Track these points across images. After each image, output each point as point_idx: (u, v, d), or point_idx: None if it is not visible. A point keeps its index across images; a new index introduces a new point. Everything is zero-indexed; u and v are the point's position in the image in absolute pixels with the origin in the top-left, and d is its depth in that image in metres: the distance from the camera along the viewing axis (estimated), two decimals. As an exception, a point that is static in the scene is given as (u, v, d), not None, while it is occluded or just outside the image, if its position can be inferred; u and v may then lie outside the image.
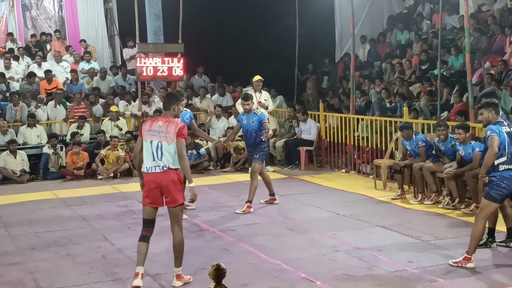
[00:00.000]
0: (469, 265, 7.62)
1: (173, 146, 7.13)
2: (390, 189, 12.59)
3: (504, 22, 17.17)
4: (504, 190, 7.51)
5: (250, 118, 11.34)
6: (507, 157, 7.47)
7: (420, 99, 15.81)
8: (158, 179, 7.17)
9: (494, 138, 7.43)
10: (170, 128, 7.15)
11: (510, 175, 7.48)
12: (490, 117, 7.66)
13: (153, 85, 19.53)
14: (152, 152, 7.19)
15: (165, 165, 7.15)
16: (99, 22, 21.33)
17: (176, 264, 7.35)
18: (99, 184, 14.51)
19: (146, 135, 7.27)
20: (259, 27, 22.06)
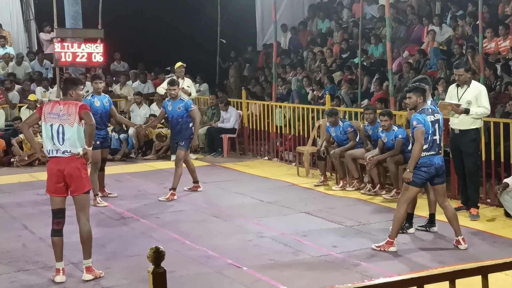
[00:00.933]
0: (391, 249, 7.78)
1: (76, 129, 6.90)
2: (313, 176, 12.72)
3: (421, 12, 17.56)
4: (424, 175, 7.68)
5: (176, 104, 11.22)
6: (429, 145, 7.64)
7: (341, 87, 16.02)
8: (61, 167, 6.89)
9: (420, 130, 7.55)
10: (70, 109, 6.92)
11: (430, 160, 7.65)
12: (417, 101, 7.79)
13: (71, 71, 19.11)
14: (52, 135, 6.90)
15: (67, 150, 6.88)
16: (13, 6, 20.66)
17: (85, 256, 7.06)
18: (17, 173, 14.11)
19: (47, 117, 6.96)
20: (181, 14, 21.86)
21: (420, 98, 7.79)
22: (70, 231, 7.90)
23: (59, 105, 7.00)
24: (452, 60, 13.98)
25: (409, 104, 7.94)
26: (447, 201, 7.99)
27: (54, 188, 6.97)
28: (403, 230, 8.53)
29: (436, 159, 7.70)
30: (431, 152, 7.67)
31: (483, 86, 9.62)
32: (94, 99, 10.77)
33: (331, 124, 11.88)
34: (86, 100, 10.40)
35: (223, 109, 15.88)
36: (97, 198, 10.60)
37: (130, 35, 21.38)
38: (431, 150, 7.67)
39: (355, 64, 15.99)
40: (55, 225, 7.07)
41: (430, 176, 7.74)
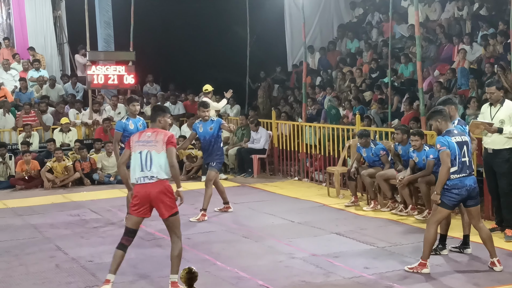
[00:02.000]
0: (424, 270, 7.70)
1: (162, 156, 7.15)
2: (344, 196, 12.67)
3: (451, 31, 17.49)
4: (455, 197, 7.60)
5: (207, 126, 11.32)
6: (458, 166, 7.55)
7: (371, 107, 15.99)
8: (148, 190, 7.14)
9: (444, 152, 7.49)
10: (158, 137, 7.22)
11: (461, 182, 7.57)
12: (438, 126, 7.74)
13: (104, 93, 19.32)
14: (140, 163, 7.18)
15: (154, 176, 7.13)
16: (48, 30, 20.98)
17: (173, 271, 7.28)
18: (50, 194, 14.28)
19: (135, 146, 7.29)
20: (210, 35, 22.04)
21: (438, 122, 7.72)
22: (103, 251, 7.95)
23: (147, 132, 7.36)
24: (483, 79, 13.89)
25: (434, 130, 7.89)
26: (482, 223, 7.89)
27: (138, 209, 7.22)
28: (436, 252, 8.45)
29: (468, 180, 7.61)
30: (462, 174, 7.57)
31: (516, 105, 9.52)
32: (129, 121, 10.79)
33: (362, 145, 11.85)
34: (121, 123, 10.71)
35: (253, 130, 15.92)
36: None
37: (161, 57, 21.64)
38: (461, 172, 7.57)
39: (385, 84, 15.95)
40: (125, 241, 7.34)
41: (462, 198, 7.65)
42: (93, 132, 17.20)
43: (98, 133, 16.91)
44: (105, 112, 17.76)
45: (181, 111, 18.55)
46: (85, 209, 12.37)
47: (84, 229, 10.64)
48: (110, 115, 17.61)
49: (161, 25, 22.06)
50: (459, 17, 17.84)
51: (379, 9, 20.78)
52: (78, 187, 15.13)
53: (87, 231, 10.53)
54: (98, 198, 13.54)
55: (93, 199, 13.44)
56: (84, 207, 12.53)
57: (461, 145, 7.62)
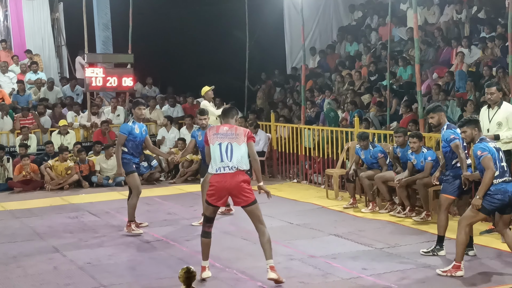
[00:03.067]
0: (458, 273, 7.59)
1: (243, 147, 7.44)
2: (342, 199, 12.68)
3: (450, 34, 17.51)
4: (497, 202, 7.47)
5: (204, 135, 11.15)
6: (499, 171, 7.48)
7: (369, 109, 16.00)
8: (227, 180, 7.41)
9: (487, 157, 7.40)
10: (238, 131, 7.53)
11: (504, 188, 7.46)
12: (473, 134, 7.67)
13: (102, 96, 19.33)
14: (220, 154, 7.44)
15: (234, 166, 7.40)
16: (45, 32, 20.93)
17: (268, 257, 7.50)
18: (48, 196, 14.27)
19: (213, 138, 7.56)
20: (209, 38, 22.06)
21: (475, 130, 7.67)
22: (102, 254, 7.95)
23: (223, 127, 7.63)
24: (482, 82, 13.91)
25: (466, 138, 7.82)
26: (509, 228, 7.78)
27: (216, 198, 7.50)
28: (434, 253, 8.46)
29: (510, 186, 7.50)
30: (504, 178, 7.49)
31: (513, 107, 9.54)
32: (134, 125, 10.30)
33: (361, 147, 11.86)
34: (127, 126, 10.26)
35: (252, 132, 15.89)
36: (132, 225, 10.30)
37: (160, 60, 21.66)
38: (503, 176, 7.50)
39: (384, 87, 15.96)
40: (207, 229, 7.69)
41: (503, 204, 7.52)
42: (91, 134, 17.19)
43: (97, 135, 16.90)
44: (104, 115, 17.76)
45: (180, 114, 18.55)
46: (84, 211, 12.36)
47: (82, 231, 10.63)
48: (109, 118, 17.61)
49: (159, 27, 22.07)
50: (458, 20, 17.86)
51: (378, 12, 20.79)
52: (76, 189, 15.13)
53: (86, 233, 10.52)
54: (97, 201, 13.53)
55: (91, 202, 13.44)
56: (83, 210, 12.52)
57: (497, 149, 7.59)
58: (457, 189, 8.38)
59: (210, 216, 7.67)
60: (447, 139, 8.36)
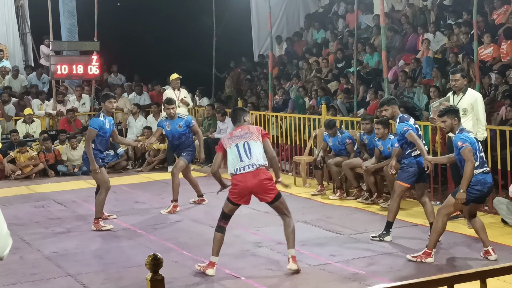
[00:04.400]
0: (428, 259, 7.63)
1: (259, 144, 7.40)
2: (310, 186, 12.72)
3: (416, 21, 17.61)
4: (476, 193, 7.51)
5: (175, 123, 10.98)
6: (479, 162, 7.50)
7: (337, 96, 16.05)
8: (248, 180, 7.33)
9: (467, 148, 7.39)
10: (251, 129, 7.50)
11: (484, 179, 7.50)
12: (453, 124, 7.67)
13: (67, 84, 19.13)
14: (239, 154, 7.37)
15: (255, 163, 7.31)
16: (9, 19, 20.63)
17: (290, 246, 7.44)
18: (14, 185, 14.12)
19: (228, 142, 7.49)
20: (176, 25, 21.93)
21: (455, 120, 7.67)
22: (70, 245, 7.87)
23: (236, 130, 7.57)
24: (448, 69, 14.01)
25: (445, 128, 7.85)
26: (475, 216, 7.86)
27: (239, 198, 7.44)
28: (380, 238, 8.56)
29: (489, 178, 7.55)
30: (483, 169, 7.52)
31: (479, 94, 9.65)
32: (105, 120, 9.82)
33: (329, 134, 11.89)
34: (98, 121, 9.75)
35: (220, 119, 15.89)
36: (100, 222, 9.82)
37: (126, 47, 21.46)
38: (482, 167, 7.52)
39: (351, 74, 16.03)
40: (223, 224, 7.57)
41: (482, 195, 7.59)
42: (57, 123, 17.02)
43: (62, 124, 16.74)
44: (69, 103, 17.59)
45: (147, 102, 18.45)
46: (50, 200, 12.25)
47: (48, 221, 10.54)
48: (74, 106, 17.45)
49: (125, 14, 21.88)
50: (424, 7, 17.97)
51: (345, -1, 20.86)
52: (42, 178, 14.98)
53: (52, 222, 10.43)
54: (63, 190, 13.43)
55: (58, 191, 13.32)
56: (49, 199, 12.41)
57: (477, 140, 7.63)
58: (412, 176, 8.50)
59: (227, 213, 7.58)
60: (401, 132, 8.49)
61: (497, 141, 9.99)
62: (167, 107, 11.06)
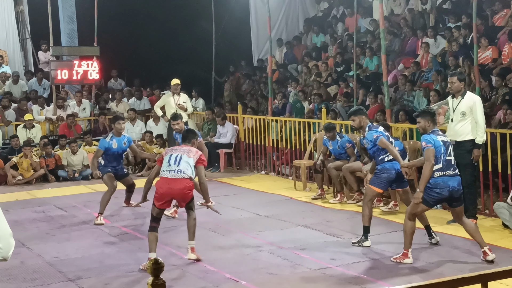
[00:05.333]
0: (406, 260, 7.73)
1: (191, 161, 7.98)
2: (310, 189, 12.73)
3: (415, 24, 17.62)
4: (436, 196, 7.60)
5: None
6: (443, 164, 7.56)
7: (336, 100, 16.05)
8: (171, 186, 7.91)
9: (430, 149, 7.51)
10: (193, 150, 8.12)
11: (444, 182, 7.56)
12: (426, 125, 7.77)
13: (67, 89, 19.14)
14: (169, 160, 7.97)
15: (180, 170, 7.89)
16: (9, 25, 20.65)
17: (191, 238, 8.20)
18: (14, 190, 14.10)
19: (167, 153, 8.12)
20: (175, 30, 21.96)
21: (427, 122, 7.75)
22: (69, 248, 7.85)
23: (181, 147, 8.22)
24: (448, 72, 14.02)
25: (419, 128, 7.95)
26: (464, 218, 7.90)
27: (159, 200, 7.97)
28: (360, 243, 8.59)
29: (451, 181, 7.58)
30: (446, 172, 7.57)
31: (478, 97, 9.64)
32: (112, 141, 10.79)
33: (328, 138, 11.90)
34: (104, 142, 10.76)
35: (220, 124, 15.89)
36: (99, 216, 10.54)
37: (126, 52, 21.50)
38: (446, 169, 7.58)
39: (351, 77, 16.04)
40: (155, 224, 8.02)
41: (443, 198, 7.66)
42: (57, 128, 17.03)
43: (62, 129, 16.75)
44: (70, 108, 17.60)
45: (147, 106, 18.46)
46: (50, 205, 12.24)
47: (49, 226, 10.54)
48: (75, 111, 17.46)
49: (125, 19, 21.91)
50: (423, 11, 17.99)
51: (344, 3, 20.85)
52: (42, 183, 14.98)
53: (52, 227, 10.43)
54: (63, 195, 13.41)
55: (58, 196, 13.31)
56: (49, 204, 12.40)
57: (446, 144, 7.67)
58: (384, 182, 8.67)
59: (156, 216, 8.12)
60: (371, 140, 8.71)
61: (497, 144, 9.99)
62: (173, 123, 11.14)
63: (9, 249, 3.63)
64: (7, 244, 3.61)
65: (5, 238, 3.60)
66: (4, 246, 3.59)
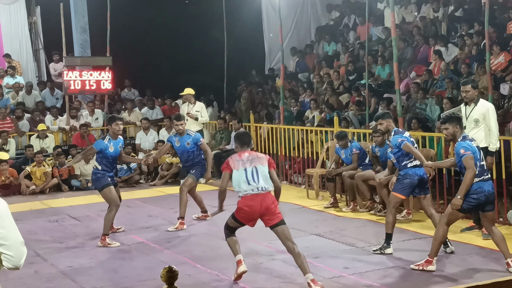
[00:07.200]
0: (429, 267, 7.70)
1: (266, 170, 7.52)
2: (323, 198, 12.71)
3: (427, 32, 17.61)
4: (474, 202, 7.54)
5: (184, 140, 10.92)
6: (478, 170, 7.52)
7: (348, 109, 16.05)
8: (257, 204, 7.47)
9: (468, 156, 7.43)
10: (260, 155, 7.76)
11: (480, 188, 7.52)
12: (455, 131, 7.73)
13: (80, 99, 19.24)
14: (246, 178, 7.46)
15: (263, 187, 7.45)
16: (23, 36, 20.85)
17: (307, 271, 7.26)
18: (28, 200, 14.18)
19: (237, 164, 7.58)
20: (187, 40, 22.05)
21: (456, 128, 7.72)
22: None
23: (244, 153, 7.70)
24: (460, 79, 14.00)
25: (447, 135, 7.88)
26: (494, 226, 7.85)
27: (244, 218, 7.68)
28: (381, 251, 8.58)
29: (486, 186, 7.56)
30: (481, 177, 7.54)
31: (491, 104, 9.61)
32: (110, 143, 10.01)
33: (340, 146, 11.89)
34: (101, 143, 10.02)
35: (236, 128, 15.81)
36: (106, 239, 9.77)
37: (138, 62, 21.60)
38: (481, 175, 7.54)
39: (363, 86, 16.03)
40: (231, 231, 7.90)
41: (480, 203, 7.59)
42: (71, 138, 17.11)
43: (76, 139, 16.82)
44: (83, 118, 17.68)
45: (159, 116, 18.52)
46: (64, 215, 12.30)
47: (63, 235, 10.58)
48: (88, 121, 17.53)
49: (137, 29, 22.03)
50: (435, 19, 17.97)
51: (355, 11, 20.87)
52: (56, 193, 15.04)
53: (66, 236, 10.47)
54: (77, 204, 13.47)
55: (71, 205, 13.37)
56: (63, 213, 12.45)
57: (479, 149, 7.66)
58: (407, 188, 8.62)
59: (233, 227, 7.90)
60: (396, 144, 8.70)
61: (511, 151, 9.94)
62: (175, 123, 11.00)
63: (21, 257, 3.65)
64: (18, 252, 3.63)
65: (16, 246, 3.62)
66: (15, 254, 3.61)
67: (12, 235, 3.63)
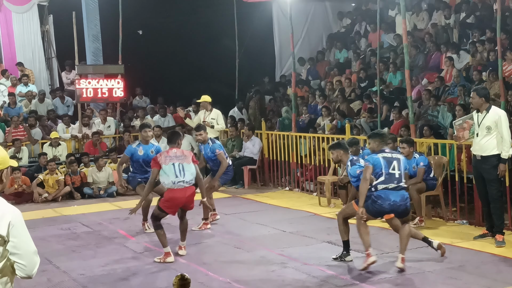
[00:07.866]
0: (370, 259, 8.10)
1: (192, 166, 9.08)
2: (335, 206, 12.69)
3: (439, 39, 17.58)
4: (377, 208, 8.08)
5: (207, 148, 11.33)
6: (385, 177, 7.98)
7: (360, 116, 16.02)
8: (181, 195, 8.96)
9: (367, 167, 8.03)
10: (186, 153, 9.24)
11: (385, 196, 7.97)
12: (374, 146, 8.29)
13: (92, 107, 19.31)
14: (175, 172, 8.91)
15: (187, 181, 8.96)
16: (35, 45, 20.96)
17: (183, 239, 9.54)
18: (40, 208, 14.22)
19: (165, 160, 9.01)
20: (199, 48, 22.08)
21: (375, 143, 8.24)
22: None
23: (171, 149, 9.20)
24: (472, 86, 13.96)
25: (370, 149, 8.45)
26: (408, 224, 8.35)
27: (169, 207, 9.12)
28: (341, 259, 8.68)
29: (393, 195, 7.97)
30: (387, 185, 7.95)
31: (503, 111, 9.57)
32: (139, 148, 11.03)
33: (352, 153, 11.84)
34: (130, 148, 11.12)
35: (248, 135, 15.88)
36: (145, 224, 11.11)
37: (149, 70, 21.66)
38: (387, 183, 7.96)
39: (374, 93, 16.00)
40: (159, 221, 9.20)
41: (383, 211, 8.07)
42: (83, 146, 17.17)
43: (88, 147, 16.88)
44: (95, 126, 17.74)
45: (171, 124, 18.54)
46: (76, 222, 12.32)
47: (75, 243, 10.61)
48: (100, 129, 17.59)
49: (149, 38, 22.11)
50: (447, 26, 17.94)
51: (366, 18, 20.86)
52: (68, 201, 15.08)
53: (78, 244, 10.49)
54: (89, 212, 13.50)
55: (83, 213, 13.40)
56: (75, 221, 12.48)
57: (389, 160, 8.02)
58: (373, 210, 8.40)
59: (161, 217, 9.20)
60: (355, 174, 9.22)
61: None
62: (195, 134, 11.60)
63: (33, 266, 3.66)
64: (31, 262, 3.65)
65: (29, 255, 3.64)
66: (28, 263, 3.63)
67: (24, 245, 3.64)
